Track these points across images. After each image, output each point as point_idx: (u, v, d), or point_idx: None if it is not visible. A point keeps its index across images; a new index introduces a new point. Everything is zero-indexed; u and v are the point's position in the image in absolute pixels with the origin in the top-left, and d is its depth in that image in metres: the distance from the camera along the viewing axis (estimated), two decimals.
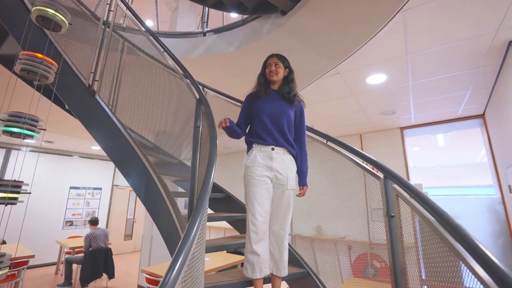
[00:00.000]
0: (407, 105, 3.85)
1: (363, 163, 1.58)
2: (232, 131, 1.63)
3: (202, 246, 1.01)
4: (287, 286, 1.97)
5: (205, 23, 3.51)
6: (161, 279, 0.63)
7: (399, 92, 3.45)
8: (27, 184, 1.19)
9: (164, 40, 2.50)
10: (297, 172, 1.61)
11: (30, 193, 1.21)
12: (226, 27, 3.22)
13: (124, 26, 2.81)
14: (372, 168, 1.44)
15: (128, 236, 8.35)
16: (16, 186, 1.14)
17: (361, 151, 1.52)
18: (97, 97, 2.17)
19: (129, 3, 2.64)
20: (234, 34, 3.06)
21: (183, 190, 2.19)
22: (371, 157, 1.43)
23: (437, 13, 2.06)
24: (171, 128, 2.38)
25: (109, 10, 2.41)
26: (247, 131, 1.70)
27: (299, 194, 1.59)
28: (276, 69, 1.60)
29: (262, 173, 1.48)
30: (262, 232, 1.44)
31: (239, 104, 2.50)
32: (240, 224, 2.37)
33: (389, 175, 1.27)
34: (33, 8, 1.31)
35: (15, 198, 1.15)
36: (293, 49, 2.72)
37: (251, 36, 2.84)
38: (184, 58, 3.02)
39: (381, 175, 1.34)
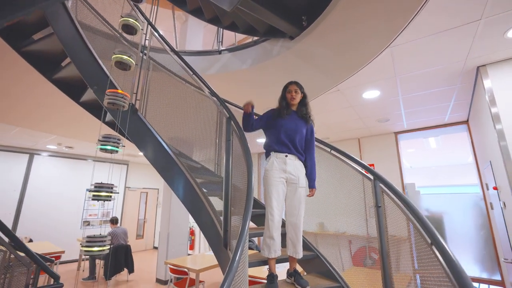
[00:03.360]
0: (399, 113, 4.33)
1: (356, 166, 2.02)
2: (249, 120, 2.01)
3: (247, 235, 1.46)
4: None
5: (220, 43, 3.94)
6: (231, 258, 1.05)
7: (391, 104, 3.94)
8: (116, 186, 1.66)
9: (184, 58, 2.93)
10: (307, 177, 2.01)
11: (118, 192, 1.66)
12: (240, 46, 3.58)
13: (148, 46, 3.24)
14: (366, 172, 1.91)
15: (140, 236, 8.80)
16: (110, 187, 1.61)
17: (358, 159, 1.98)
18: (139, 113, 2.62)
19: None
20: (247, 53, 3.41)
21: (213, 190, 2.63)
22: (365, 163, 1.90)
23: (418, 47, 2.56)
24: (203, 140, 2.80)
25: (146, 39, 2.87)
26: (265, 141, 2.12)
27: (309, 194, 2.00)
28: (296, 95, 2.02)
29: (279, 175, 1.90)
30: (277, 221, 1.83)
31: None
32: (257, 219, 2.80)
33: (377, 177, 1.75)
34: (113, 56, 1.78)
35: (110, 196, 1.62)
36: (300, 69, 3.13)
37: (263, 56, 3.19)
38: (202, 74, 3.43)
39: (372, 177, 1.81)
